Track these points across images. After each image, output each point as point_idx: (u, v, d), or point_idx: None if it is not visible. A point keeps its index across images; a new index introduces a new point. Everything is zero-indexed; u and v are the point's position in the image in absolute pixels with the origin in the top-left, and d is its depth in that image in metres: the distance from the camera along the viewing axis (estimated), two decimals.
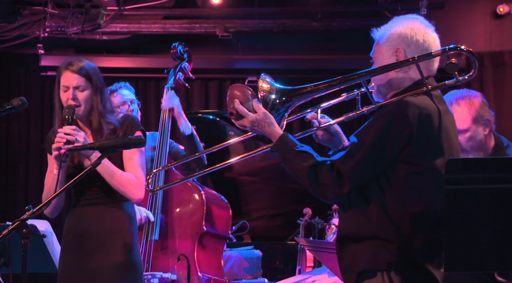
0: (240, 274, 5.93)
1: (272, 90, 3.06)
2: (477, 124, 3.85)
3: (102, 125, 3.86)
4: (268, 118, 3.02)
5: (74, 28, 7.39)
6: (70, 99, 3.83)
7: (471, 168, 2.70)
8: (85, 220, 3.89)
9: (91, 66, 3.95)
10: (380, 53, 3.09)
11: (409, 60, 2.97)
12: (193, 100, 8.23)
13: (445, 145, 2.95)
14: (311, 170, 2.92)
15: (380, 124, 2.90)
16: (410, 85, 3.02)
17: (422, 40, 3.03)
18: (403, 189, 2.89)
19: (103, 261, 3.79)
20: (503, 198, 2.67)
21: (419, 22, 3.08)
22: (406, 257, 2.89)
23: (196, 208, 4.92)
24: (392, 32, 3.07)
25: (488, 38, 7.93)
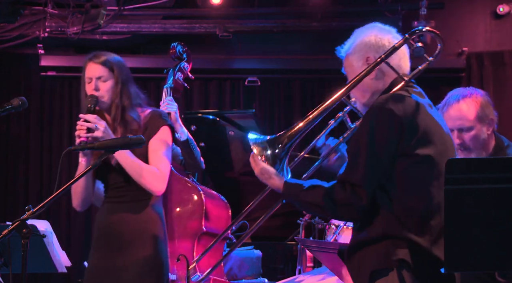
0: (240, 274, 5.93)
1: (264, 147, 3.07)
2: (482, 123, 3.85)
3: (123, 119, 3.83)
4: (266, 173, 3.06)
5: (74, 28, 7.39)
6: (92, 90, 3.82)
7: (471, 168, 2.70)
8: (112, 217, 3.85)
9: (115, 58, 3.93)
10: (351, 66, 3.15)
11: (377, 61, 3.03)
12: (193, 100, 8.23)
13: (436, 133, 2.98)
14: (325, 198, 2.93)
15: (369, 125, 2.93)
16: (388, 86, 3.07)
17: (388, 43, 3.09)
18: (404, 182, 2.91)
19: (127, 260, 3.76)
20: (503, 198, 2.67)
21: (379, 28, 3.16)
22: (417, 252, 2.89)
23: (195, 208, 4.91)
24: (357, 43, 3.14)
25: (488, 38, 7.93)
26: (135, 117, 3.84)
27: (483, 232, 2.67)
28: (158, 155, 3.81)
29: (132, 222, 3.78)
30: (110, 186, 3.86)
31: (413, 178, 2.91)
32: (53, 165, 8.06)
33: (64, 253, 4.45)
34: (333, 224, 5.75)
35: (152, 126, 3.84)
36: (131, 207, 3.80)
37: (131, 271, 3.74)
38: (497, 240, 2.68)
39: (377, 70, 3.06)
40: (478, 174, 2.68)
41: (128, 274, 3.74)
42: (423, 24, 7.14)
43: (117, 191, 3.83)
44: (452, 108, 3.91)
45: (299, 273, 6.05)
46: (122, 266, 3.75)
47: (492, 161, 2.97)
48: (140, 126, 3.84)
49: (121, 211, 3.81)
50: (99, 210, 3.93)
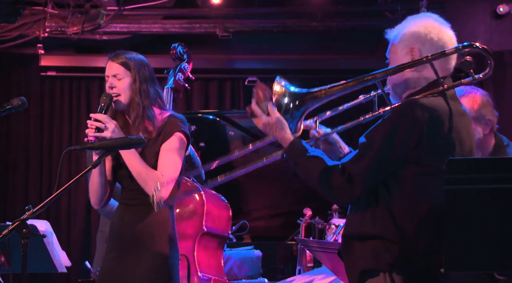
0: (240, 274, 5.93)
1: (285, 94, 3.03)
2: (476, 124, 3.84)
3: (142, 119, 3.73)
4: (280, 123, 3.01)
5: (74, 28, 7.39)
6: (108, 88, 3.76)
7: (472, 168, 2.70)
8: (125, 220, 3.79)
9: (135, 58, 3.82)
10: (395, 53, 3.06)
11: (422, 60, 2.95)
12: (193, 100, 8.23)
13: (457, 147, 2.93)
14: (322, 174, 2.91)
15: (389, 125, 2.89)
16: (425, 85, 2.99)
17: (437, 38, 3.00)
18: (409, 189, 2.89)
19: (139, 262, 3.73)
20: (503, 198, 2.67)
21: (433, 20, 3.05)
22: (408, 258, 2.89)
23: (196, 208, 4.92)
24: (406, 31, 3.04)
25: (488, 38, 7.92)
26: (152, 118, 3.79)
27: (483, 232, 2.67)
28: (166, 161, 3.71)
29: (144, 225, 3.74)
30: (124, 188, 3.82)
31: (419, 187, 2.88)
32: (53, 165, 8.06)
33: (64, 253, 4.45)
34: (333, 224, 5.75)
35: (166, 131, 3.74)
36: (143, 210, 3.76)
37: (142, 274, 3.71)
38: (497, 240, 2.68)
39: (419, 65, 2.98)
40: (478, 174, 2.68)
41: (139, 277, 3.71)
42: None
43: (131, 194, 3.79)
44: None
45: (299, 273, 6.06)
46: (134, 269, 3.72)
47: (492, 161, 2.97)
48: (155, 129, 3.75)
49: (134, 214, 3.77)
50: (115, 211, 3.90)
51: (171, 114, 3.84)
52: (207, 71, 8.10)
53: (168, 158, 3.71)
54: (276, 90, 3.03)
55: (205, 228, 4.87)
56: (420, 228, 2.89)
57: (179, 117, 3.83)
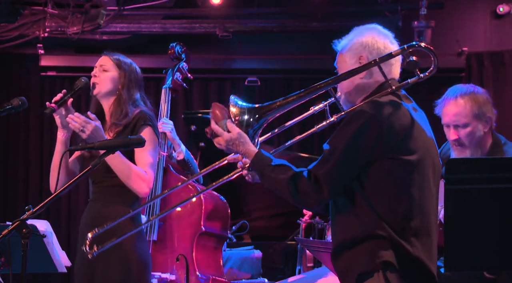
0: (240, 274, 5.93)
1: (244, 111, 3.11)
2: (478, 121, 3.85)
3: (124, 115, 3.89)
4: (242, 138, 3.08)
5: (74, 28, 7.39)
6: (92, 75, 3.95)
7: (472, 168, 2.70)
8: (90, 217, 3.92)
9: (127, 59, 4.04)
10: (344, 62, 3.21)
11: (371, 63, 3.07)
12: (193, 100, 8.23)
13: (418, 139, 3.00)
14: (290, 180, 2.98)
15: (349, 127, 2.97)
16: (375, 89, 3.10)
17: (383, 47, 3.14)
18: (384, 184, 2.94)
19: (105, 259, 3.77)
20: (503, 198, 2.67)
21: (379, 32, 3.21)
22: (400, 250, 2.91)
23: (194, 208, 4.91)
24: (354, 41, 3.19)
25: (488, 38, 7.92)
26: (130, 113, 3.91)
27: (483, 232, 2.67)
28: (145, 156, 3.85)
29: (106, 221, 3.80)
30: (94, 183, 3.96)
31: (392, 180, 2.94)
32: None
33: (64, 253, 4.45)
34: None
35: (132, 125, 3.89)
36: (106, 207, 3.85)
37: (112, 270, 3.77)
38: (497, 240, 2.68)
39: (367, 71, 3.10)
40: (478, 174, 2.68)
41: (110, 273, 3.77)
42: (423, 24, 7.14)
43: (97, 188, 3.91)
44: (449, 104, 3.91)
45: (299, 273, 6.06)
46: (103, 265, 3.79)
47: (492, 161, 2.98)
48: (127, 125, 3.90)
49: (98, 211, 3.89)
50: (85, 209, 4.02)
51: (141, 110, 3.97)
52: (207, 71, 8.10)
53: (148, 154, 3.85)
54: (232, 112, 3.11)
55: (204, 228, 4.87)
56: (404, 220, 2.92)
57: (148, 113, 3.97)
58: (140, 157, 3.85)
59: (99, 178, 3.88)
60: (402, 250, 2.91)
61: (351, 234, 2.98)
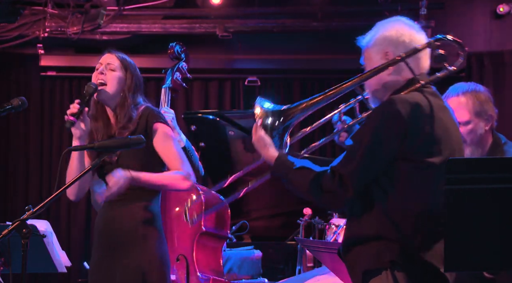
0: (240, 274, 5.93)
1: (267, 114, 3.07)
2: (479, 118, 3.85)
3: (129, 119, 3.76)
4: (262, 142, 3.04)
5: (74, 28, 7.40)
6: (98, 74, 3.78)
7: (472, 167, 2.70)
8: (108, 217, 3.81)
9: (132, 61, 3.89)
10: (369, 58, 3.12)
11: (396, 59, 3.00)
12: (193, 100, 8.23)
13: (443, 139, 2.95)
14: (313, 182, 2.93)
15: (374, 124, 2.92)
16: (403, 85, 3.03)
17: (409, 40, 3.06)
18: (403, 186, 2.90)
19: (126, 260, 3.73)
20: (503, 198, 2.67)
21: (403, 24, 3.12)
22: (408, 255, 2.90)
23: (195, 208, 4.91)
24: (378, 36, 3.10)
25: (488, 38, 7.92)
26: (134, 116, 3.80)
27: (483, 232, 2.67)
28: (171, 152, 3.78)
29: (126, 222, 3.75)
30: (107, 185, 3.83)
31: (412, 183, 2.90)
32: (53, 165, 8.06)
33: (64, 253, 4.45)
34: (333, 224, 5.75)
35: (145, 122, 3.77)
36: (125, 207, 3.77)
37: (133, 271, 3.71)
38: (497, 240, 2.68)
39: (395, 67, 3.03)
40: (478, 174, 2.68)
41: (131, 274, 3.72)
42: (423, 24, 7.14)
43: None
44: (451, 101, 3.91)
45: (299, 273, 6.05)
46: (123, 266, 3.73)
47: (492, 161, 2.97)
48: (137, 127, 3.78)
49: (116, 211, 3.78)
50: (100, 209, 3.90)
51: (146, 106, 3.86)
52: (207, 71, 8.10)
53: (172, 151, 3.78)
54: (257, 113, 3.07)
55: (204, 228, 4.86)
56: (417, 224, 2.90)
57: (154, 109, 3.87)
58: (168, 154, 3.77)
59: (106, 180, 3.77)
60: (411, 253, 2.89)
61: (362, 232, 2.95)
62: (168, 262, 3.82)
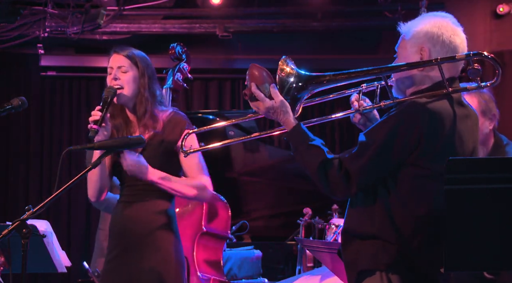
0: (240, 274, 5.93)
1: (293, 74, 3.02)
2: (485, 117, 3.85)
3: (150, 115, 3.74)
4: (285, 107, 2.98)
5: (74, 28, 7.40)
6: (112, 79, 3.74)
7: (471, 168, 2.69)
8: (126, 217, 3.78)
9: (140, 53, 3.83)
10: (404, 48, 3.04)
11: (431, 61, 2.93)
12: (193, 100, 8.24)
13: (458, 151, 2.92)
14: (321, 166, 2.90)
15: (390, 125, 2.88)
16: (430, 85, 2.98)
17: (449, 41, 3.00)
18: (408, 191, 2.89)
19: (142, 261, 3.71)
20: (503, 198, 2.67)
21: (448, 21, 3.07)
22: (405, 258, 2.90)
23: (195, 208, 4.91)
24: (418, 29, 3.02)
25: (488, 38, 7.92)
26: (157, 114, 3.76)
27: (483, 232, 2.67)
28: (194, 163, 3.79)
29: (147, 222, 3.73)
30: (125, 185, 3.80)
31: (417, 190, 2.88)
32: (53, 165, 8.07)
33: (64, 253, 4.45)
34: (333, 224, 5.75)
35: (170, 128, 3.76)
36: (145, 207, 3.75)
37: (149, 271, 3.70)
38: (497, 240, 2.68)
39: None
40: (478, 174, 2.68)
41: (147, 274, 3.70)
42: None
43: (132, 190, 3.79)
44: None
45: (299, 273, 6.05)
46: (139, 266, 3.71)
47: (492, 161, 2.97)
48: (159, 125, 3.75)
49: (136, 211, 3.76)
50: (114, 209, 3.89)
51: (175, 111, 3.84)
52: (207, 71, 8.11)
53: (198, 162, 3.81)
54: (284, 69, 3.03)
55: (204, 228, 4.86)
56: (417, 230, 2.89)
57: (183, 115, 3.85)
58: (191, 163, 3.78)
59: (131, 181, 3.75)
60: (407, 257, 2.89)
61: (361, 228, 2.95)
62: (184, 263, 3.80)
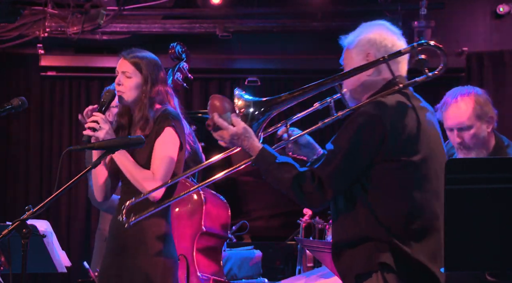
0: (240, 274, 5.93)
1: (248, 104, 3.08)
2: (481, 121, 3.84)
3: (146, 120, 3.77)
4: (248, 133, 3.05)
5: (74, 28, 7.40)
6: (116, 84, 3.80)
7: (472, 168, 2.70)
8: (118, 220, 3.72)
9: (147, 57, 3.87)
10: (350, 58, 3.15)
11: (379, 60, 3.03)
12: (193, 100, 8.23)
13: (421, 138, 2.99)
14: (294, 180, 2.96)
15: (353, 128, 2.96)
16: (382, 86, 3.07)
17: (391, 44, 3.10)
18: (385, 187, 2.94)
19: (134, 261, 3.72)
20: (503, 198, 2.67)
21: (387, 29, 3.17)
22: (398, 254, 2.92)
23: (195, 208, 4.91)
24: (361, 37, 3.14)
25: (488, 38, 7.93)
26: (152, 116, 3.80)
27: (483, 232, 2.67)
28: (158, 158, 3.74)
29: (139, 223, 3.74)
30: (123, 183, 3.85)
31: (395, 182, 2.94)
32: (53, 165, 8.06)
33: (64, 253, 4.45)
34: None
35: (158, 126, 3.78)
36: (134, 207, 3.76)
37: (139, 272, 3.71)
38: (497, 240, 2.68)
39: (374, 68, 3.07)
40: (478, 174, 2.68)
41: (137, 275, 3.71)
42: (423, 24, 7.14)
43: (123, 188, 3.82)
44: (451, 108, 3.90)
45: (299, 273, 6.06)
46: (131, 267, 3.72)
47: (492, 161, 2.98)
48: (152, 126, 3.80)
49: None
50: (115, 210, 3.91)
51: (165, 109, 3.86)
52: (207, 71, 8.10)
53: (160, 155, 3.74)
54: (238, 105, 3.09)
55: (204, 228, 4.87)
56: (403, 222, 2.93)
57: (171, 112, 3.86)
58: (154, 159, 3.74)
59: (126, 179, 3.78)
60: (401, 253, 2.92)
61: (350, 235, 2.98)
62: (174, 265, 3.80)
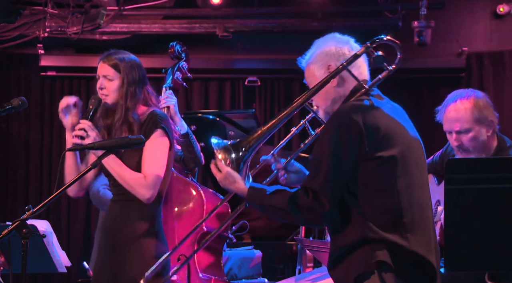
0: (240, 274, 5.93)
1: (229, 151, 3.10)
2: (480, 125, 3.84)
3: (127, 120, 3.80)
4: (231, 177, 3.08)
5: (74, 28, 7.40)
6: (98, 88, 3.85)
7: (471, 168, 2.70)
8: (110, 216, 3.86)
9: (127, 59, 3.92)
10: (313, 75, 3.21)
11: (339, 68, 3.08)
12: (193, 100, 8.23)
13: (397, 132, 3.01)
14: (289, 201, 2.98)
15: (331, 134, 2.98)
16: (349, 93, 3.12)
17: (348, 52, 3.16)
18: (370, 186, 2.96)
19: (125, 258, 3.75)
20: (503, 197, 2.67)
21: (340, 38, 3.27)
22: (394, 250, 2.93)
23: (195, 208, 4.91)
24: (318, 52, 3.23)
25: (488, 38, 7.92)
26: (136, 118, 3.81)
27: (483, 232, 2.68)
28: (149, 160, 3.76)
29: (129, 220, 3.78)
30: (112, 184, 3.87)
31: (378, 179, 2.95)
32: (53, 165, 8.06)
33: (64, 253, 4.46)
34: None
35: (146, 129, 3.80)
36: (128, 205, 3.80)
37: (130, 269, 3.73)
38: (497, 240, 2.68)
39: (338, 78, 3.12)
40: (478, 174, 2.68)
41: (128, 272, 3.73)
42: (423, 24, 7.15)
43: (117, 189, 3.84)
44: (450, 111, 3.91)
45: (299, 273, 6.05)
46: (123, 264, 3.75)
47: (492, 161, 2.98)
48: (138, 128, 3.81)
49: (119, 209, 3.82)
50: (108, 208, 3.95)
51: (152, 110, 3.88)
52: (207, 71, 8.10)
53: (150, 158, 3.77)
54: (220, 157, 3.10)
55: (205, 228, 4.86)
56: (395, 218, 2.94)
57: (159, 114, 3.88)
58: (144, 161, 3.76)
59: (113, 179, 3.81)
60: (397, 248, 2.92)
61: (348, 241, 3.00)
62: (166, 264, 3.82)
